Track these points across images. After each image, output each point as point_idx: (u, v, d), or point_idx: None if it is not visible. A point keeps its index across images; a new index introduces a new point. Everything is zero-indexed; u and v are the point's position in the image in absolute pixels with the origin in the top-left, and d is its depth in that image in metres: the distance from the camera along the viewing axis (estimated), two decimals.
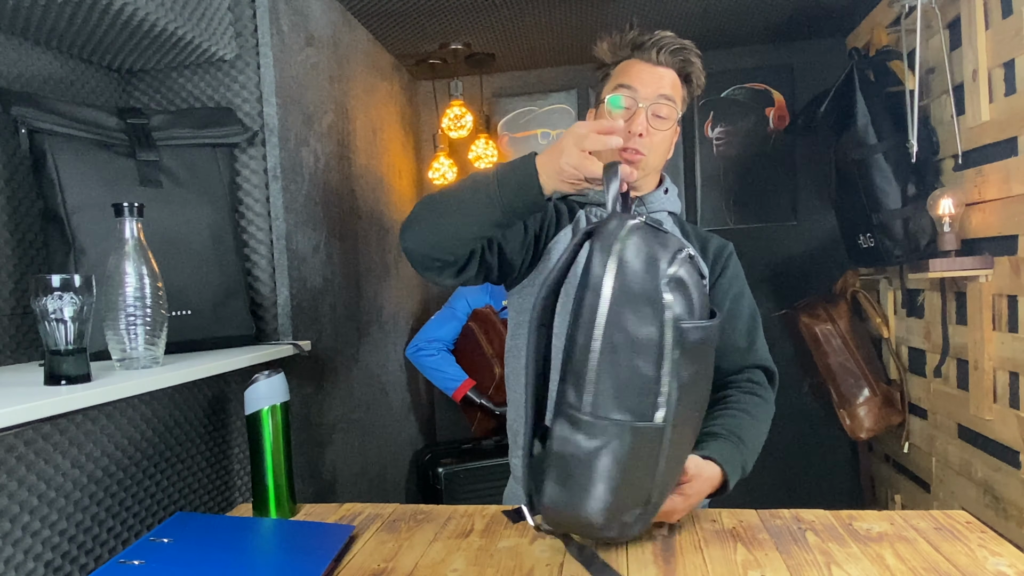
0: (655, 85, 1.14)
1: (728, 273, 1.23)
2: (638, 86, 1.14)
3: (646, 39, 1.15)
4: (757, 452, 1.09)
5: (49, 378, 0.90)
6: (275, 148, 1.50)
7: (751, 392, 1.16)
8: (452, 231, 1.02)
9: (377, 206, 2.28)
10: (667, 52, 1.14)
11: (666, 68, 1.15)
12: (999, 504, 1.70)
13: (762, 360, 1.20)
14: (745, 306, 1.22)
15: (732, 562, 0.92)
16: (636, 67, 1.15)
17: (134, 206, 1.03)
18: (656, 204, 1.23)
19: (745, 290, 1.24)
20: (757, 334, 1.22)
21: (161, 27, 1.25)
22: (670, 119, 1.16)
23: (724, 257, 1.24)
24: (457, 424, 2.89)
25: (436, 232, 1.03)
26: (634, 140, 1.13)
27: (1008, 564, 0.88)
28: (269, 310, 1.51)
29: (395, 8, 2.13)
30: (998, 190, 1.67)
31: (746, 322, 1.21)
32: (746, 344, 1.20)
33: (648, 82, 1.14)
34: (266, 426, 1.18)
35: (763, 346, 1.22)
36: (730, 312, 1.20)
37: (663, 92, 1.14)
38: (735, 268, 1.24)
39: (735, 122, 2.76)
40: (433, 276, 1.10)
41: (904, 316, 2.26)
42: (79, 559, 0.99)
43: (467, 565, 0.94)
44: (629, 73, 1.15)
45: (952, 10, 1.82)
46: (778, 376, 1.21)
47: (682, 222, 1.28)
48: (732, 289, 1.22)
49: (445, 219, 1.02)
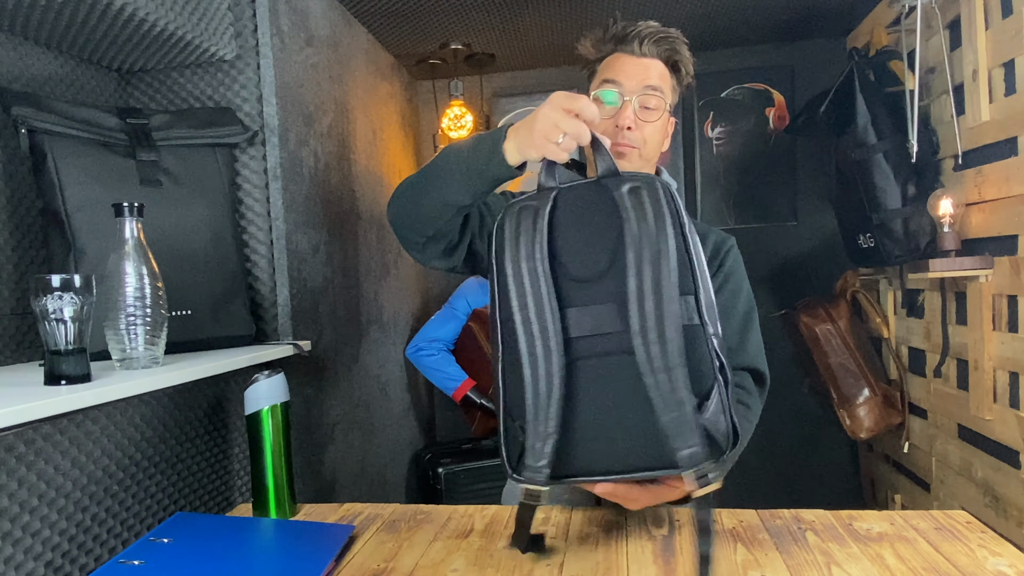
0: (640, 77, 1.12)
1: (724, 270, 1.19)
2: (623, 79, 1.12)
3: (628, 31, 1.13)
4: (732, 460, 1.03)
5: (49, 378, 0.90)
6: (275, 148, 1.50)
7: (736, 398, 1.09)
8: (427, 201, 1.03)
9: (377, 206, 2.28)
10: (650, 42, 1.13)
11: (651, 59, 1.14)
12: (999, 504, 1.70)
13: (751, 361, 1.15)
14: (740, 304, 1.18)
15: (732, 562, 0.92)
16: (620, 60, 1.14)
17: (134, 206, 1.03)
18: None
19: (743, 286, 1.20)
20: (750, 333, 1.17)
21: (161, 27, 1.25)
22: (659, 109, 1.14)
23: (722, 253, 1.20)
24: (457, 424, 2.89)
25: (414, 202, 1.04)
26: (623, 134, 1.11)
27: (1008, 564, 0.88)
28: (269, 310, 1.51)
29: (395, 8, 2.13)
30: (998, 190, 1.67)
31: (739, 320, 1.17)
32: (736, 343, 1.15)
33: (633, 74, 1.12)
34: (266, 426, 1.18)
35: (756, 346, 1.17)
36: (723, 309, 1.15)
37: (649, 83, 1.12)
38: (732, 264, 1.21)
39: (735, 122, 2.75)
40: (418, 254, 1.12)
41: (904, 316, 2.26)
42: (79, 559, 0.99)
43: (467, 565, 0.94)
44: (613, 67, 1.14)
45: (952, 10, 1.82)
46: (768, 378, 1.16)
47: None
48: (727, 285, 1.18)
49: (421, 189, 1.03)
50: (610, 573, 0.90)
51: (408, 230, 1.09)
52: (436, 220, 1.04)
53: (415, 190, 1.05)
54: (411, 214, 1.06)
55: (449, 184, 1.00)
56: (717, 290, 1.18)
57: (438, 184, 1.01)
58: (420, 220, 1.06)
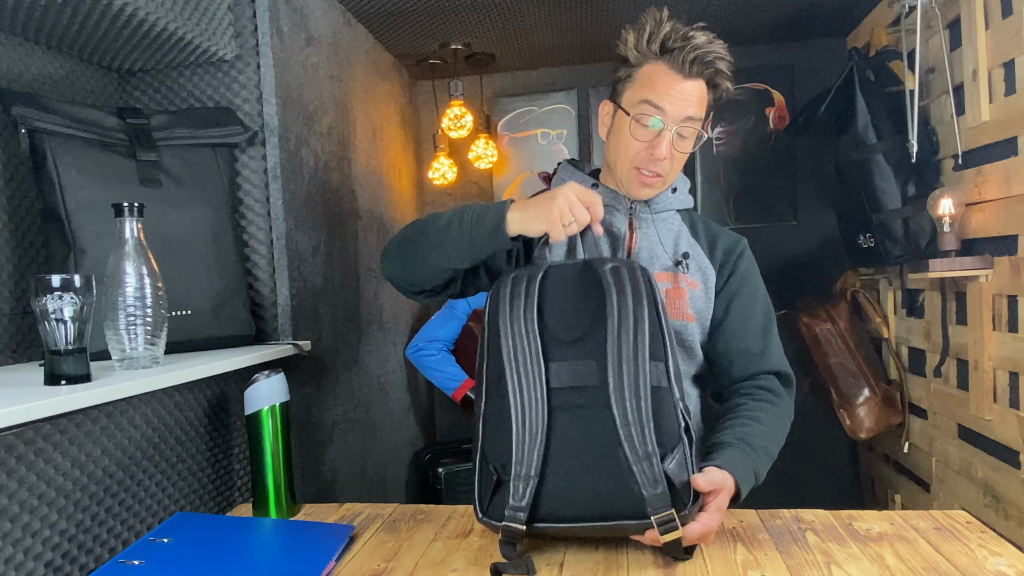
0: (683, 105, 1.08)
1: (737, 275, 1.18)
2: (667, 107, 1.08)
3: (675, 45, 1.07)
4: (772, 457, 1.06)
5: (49, 378, 0.90)
6: (275, 148, 1.50)
7: (763, 400, 1.11)
8: (424, 264, 1.09)
9: (377, 206, 2.28)
10: (699, 63, 1.07)
11: (695, 80, 1.09)
12: (999, 504, 1.70)
13: (776, 365, 1.16)
14: (758, 307, 1.17)
15: (732, 562, 0.92)
16: (664, 80, 1.08)
17: (134, 206, 1.03)
18: (662, 204, 1.20)
19: (759, 290, 1.19)
20: (771, 337, 1.17)
21: (161, 27, 1.25)
22: (692, 138, 1.13)
23: (734, 258, 1.19)
24: (457, 424, 2.89)
25: (409, 264, 1.11)
26: (655, 163, 1.11)
27: (1008, 564, 0.88)
28: (269, 310, 1.51)
29: (395, 8, 2.13)
30: (998, 190, 1.67)
31: (759, 324, 1.16)
32: (760, 348, 1.15)
33: (676, 100, 1.08)
34: (266, 426, 1.18)
35: (777, 349, 1.17)
36: (741, 314, 1.16)
37: (689, 114, 1.09)
38: (746, 267, 1.19)
39: (735, 122, 2.75)
40: (415, 298, 1.18)
41: (904, 316, 2.26)
42: (79, 559, 0.99)
43: (467, 565, 0.94)
44: (656, 88, 1.08)
45: (952, 10, 1.82)
46: (793, 377, 1.16)
47: (692, 218, 1.24)
48: (743, 290, 1.17)
49: (417, 253, 1.09)
50: (610, 573, 0.90)
51: (406, 287, 1.16)
52: (434, 280, 1.12)
53: (411, 253, 1.09)
54: (407, 275, 1.13)
55: (448, 251, 1.06)
56: (733, 294, 1.17)
57: (437, 251, 1.07)
58: (418, 280, 1.13)
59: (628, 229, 1.18)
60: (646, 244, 1.18)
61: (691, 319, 1.15)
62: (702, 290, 1.17)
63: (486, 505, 0.91)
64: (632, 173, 1.13)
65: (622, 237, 1.18)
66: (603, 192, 1.20)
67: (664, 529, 0.84)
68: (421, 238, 1.09)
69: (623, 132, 1.13)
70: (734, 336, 1.16)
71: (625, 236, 1.18)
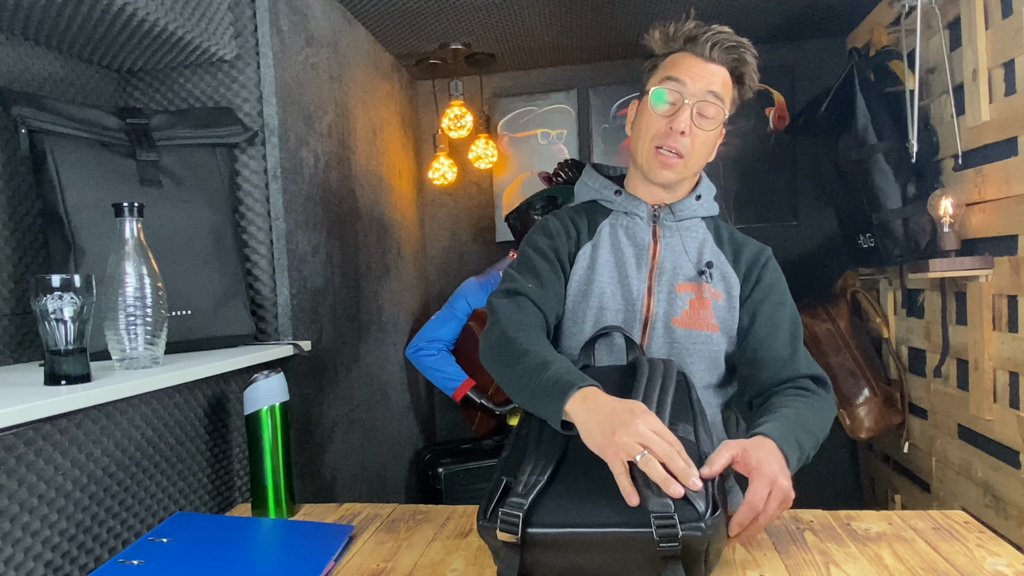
0: (704, 81, 1.09)
1: (763, 284, 1.16)
2: (687, 79, 1.09)
3: (700, 32, 1.10)
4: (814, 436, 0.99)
5: (49, 378, 0.90)
6: (275, 148, 1.50)
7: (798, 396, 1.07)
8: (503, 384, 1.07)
9: (377, 206, 2.28)
10: (721, 49, 1.09)
11: (718, 65, 1.10)
12: (999, 504, 1.70)
13: (808, 370, 1.12)
14: (786, 315, 1.15)
15: (731, 562, 0.92)
16: (687, 60, 1.11)
17: (134, 206, 1.03)
18: (686, 212, 1.19)
19: (786, 298, 1.17)
20: (799, 345, 1.14)
21: (161, 27, 1.25)
22: (716, 119, 1.11)
23: (759, 267, 1.17)
24: (457, 424, 2.89)
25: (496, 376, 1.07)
26: (675, 138, 1.10)
27: (1006, 564, 0.88)
28: (269, 310, 1.51)
29: (395, 8, 2.13)
30: (998, 190, 1.67)
31: (788, 332, 1.14)
32: (789, 354, 1.12)
33: (697, 77, 1.09)
34: (265, 426, 1.18)
35: (807, 356, 1.14)
36: (770, 323, 1.14)
37: (712, 89, 1.09)
38: (772, 276, 1.18)
39: (735, 122, 2.75)
40: None
41: (904, 316, 2.26)
42: (79, 559, 0.99)
43: (467, 565, 0.95)
44: (679, 66, 1.11)
45: (952, 10, 1.82)
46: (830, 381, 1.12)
47: (717, 226, 1.22)
48: (770, 298, 1.15)
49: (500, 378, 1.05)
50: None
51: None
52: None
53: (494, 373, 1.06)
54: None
55: (514, 394, 1.02)
56: (758, 303, 1.15)
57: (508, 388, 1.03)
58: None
59: (652, 239, 1.17)
60: (669, 255, 1.16)
61: (715, 329, 1.14)
62: (725, 300, 1.15)
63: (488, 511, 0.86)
64: (652, 153, 1.13)
65: (645, 247, 1.17)
66: (625, 199, 1.19)
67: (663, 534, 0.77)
68: (503, 369, 1.03)
69: (645, 112, 1.13)
70: (762, 345, 1.13)
71: (649, 246, 1.17)
